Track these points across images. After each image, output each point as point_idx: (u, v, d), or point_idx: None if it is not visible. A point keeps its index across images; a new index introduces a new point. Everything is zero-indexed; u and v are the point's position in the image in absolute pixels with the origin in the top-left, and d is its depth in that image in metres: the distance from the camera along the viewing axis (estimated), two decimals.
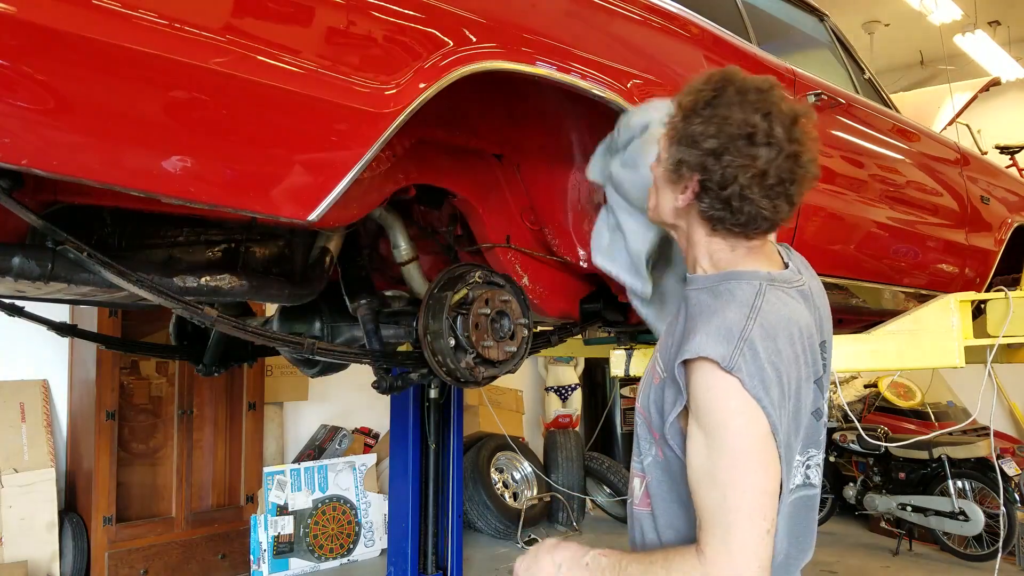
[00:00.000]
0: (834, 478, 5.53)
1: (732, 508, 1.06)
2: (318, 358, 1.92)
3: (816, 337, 1.24)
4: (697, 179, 1.20)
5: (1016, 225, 3.67)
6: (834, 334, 1.35)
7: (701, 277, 1.27)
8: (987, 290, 3.45)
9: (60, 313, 3.59)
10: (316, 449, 5.13)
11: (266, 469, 4.41)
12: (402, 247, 2.01)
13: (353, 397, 5.35)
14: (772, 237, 1.31)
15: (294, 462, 4.85)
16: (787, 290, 1.23)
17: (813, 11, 3.09)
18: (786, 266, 1.30)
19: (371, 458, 4.86)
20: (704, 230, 1.25)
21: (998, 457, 4.58)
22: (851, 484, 5.38)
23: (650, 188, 1.36)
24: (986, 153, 4.30)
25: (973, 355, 2.50)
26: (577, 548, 1.22)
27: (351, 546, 4.61)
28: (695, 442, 1.13)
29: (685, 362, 1.14)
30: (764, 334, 1.12)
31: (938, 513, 4.74)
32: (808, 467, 1.25)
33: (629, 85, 1.77)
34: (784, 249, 1.36)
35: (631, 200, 1.61)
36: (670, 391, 1.20)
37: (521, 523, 4.96)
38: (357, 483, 4.69)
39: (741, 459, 1.08)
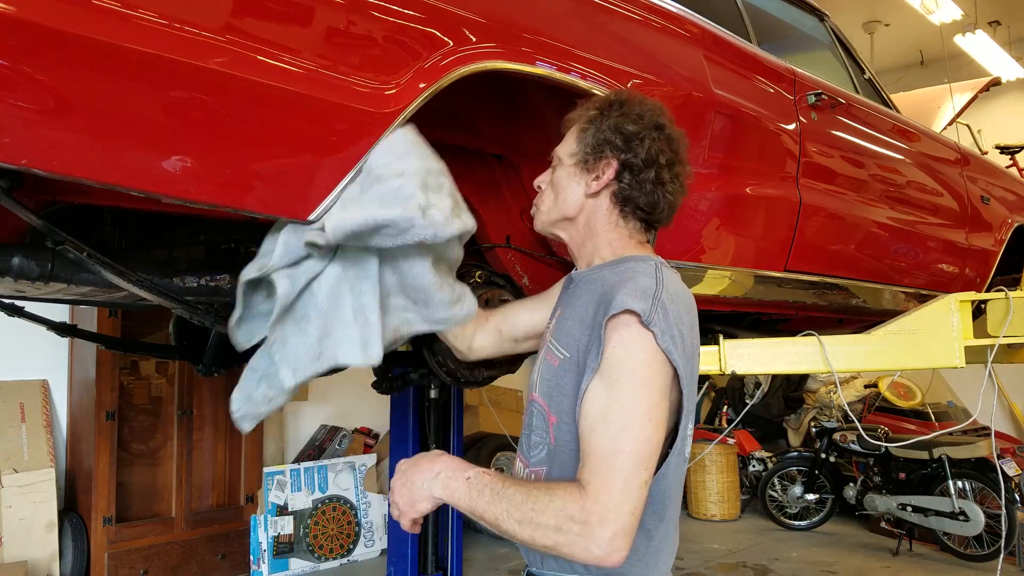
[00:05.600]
0: (834, 478, 5.53)
1: (619, 451, 1.10)
2: None
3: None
4: (619, 159, 1.30)
5: (1016, 225, 3.67)
6: (834, 334, 1.37)
7: (598, 264, 1.35)
8: (987, 290, 3.45)
9: (60, 313, 3.59)
10: (316, 449, 5.12)
11: (266, 469, 4.41)
12: None
13: (353, 397, 5.35)
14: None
15: (294, 462, 4.84)
16: (675, 273, 1.34)
17: (813, 11, 3.09)
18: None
19: (371, 458, 4.86)
20: (610, 217, 1.33)
21: (998, 457, 4.58)
22: (851, 484, 5.38)
23: (544, 189, 1.41)
24: (986, 153, 4.30)
25: (973, 355, 2.50)
26: (460, 462, 1.23)
27: (351, 546, 4.61)
28: (593, 392, 1.16)
29: (608, 320, 1.17)
30: (670, 299, 1.21)
31: (938, 513, 4.75)
32: (685, 440, 1.26)
33: (629, 85, 1.77)
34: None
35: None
36: (592, 355, 1.19)
37: None
38: (357, 483, 4.69)
39: (640, 409, 1.12)
